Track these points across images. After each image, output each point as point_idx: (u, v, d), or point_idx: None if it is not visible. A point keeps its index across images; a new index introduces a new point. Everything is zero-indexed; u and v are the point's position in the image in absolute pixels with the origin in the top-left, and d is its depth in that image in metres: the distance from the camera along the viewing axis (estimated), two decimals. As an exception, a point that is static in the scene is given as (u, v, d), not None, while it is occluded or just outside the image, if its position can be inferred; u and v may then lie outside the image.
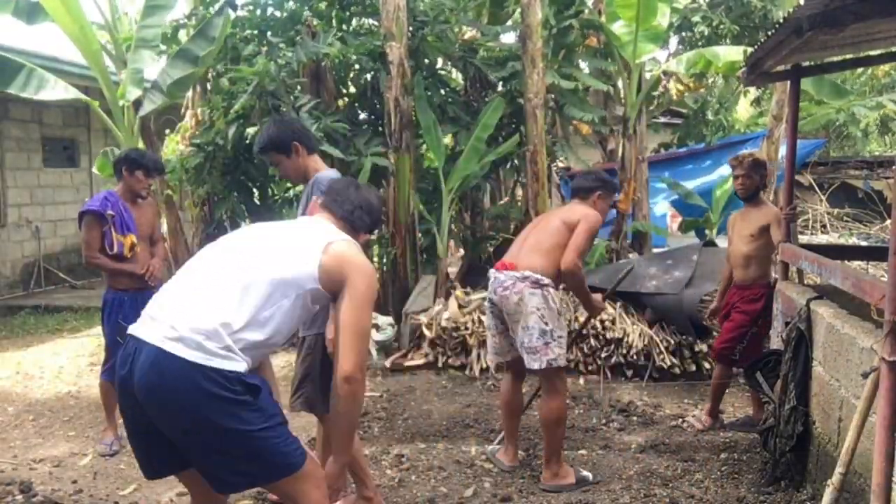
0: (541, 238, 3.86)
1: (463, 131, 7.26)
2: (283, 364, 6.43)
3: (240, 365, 2.21)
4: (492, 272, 3.91)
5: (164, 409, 2.18)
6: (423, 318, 6.26)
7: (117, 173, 4.48)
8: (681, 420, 4.84)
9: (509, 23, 8.67)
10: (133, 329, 2.29)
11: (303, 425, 4.80)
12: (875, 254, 5.92)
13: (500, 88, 7.78)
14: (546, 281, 3.75)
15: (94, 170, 7.60)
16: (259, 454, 2.21)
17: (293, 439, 2.31)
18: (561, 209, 4.02)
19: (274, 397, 2.39)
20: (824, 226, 11.38)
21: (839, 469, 2.66)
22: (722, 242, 6.55)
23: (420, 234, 7.11)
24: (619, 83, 8.37)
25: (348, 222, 2.66)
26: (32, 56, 7.92)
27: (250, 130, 6.63)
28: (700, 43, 10.22)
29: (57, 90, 7.01)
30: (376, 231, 3.37)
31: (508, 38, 8.41)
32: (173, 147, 7.64)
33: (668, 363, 5.69)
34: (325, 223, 2.62)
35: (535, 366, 3.71)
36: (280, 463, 2.25)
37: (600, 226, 3.99)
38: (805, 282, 5.49)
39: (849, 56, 4.46)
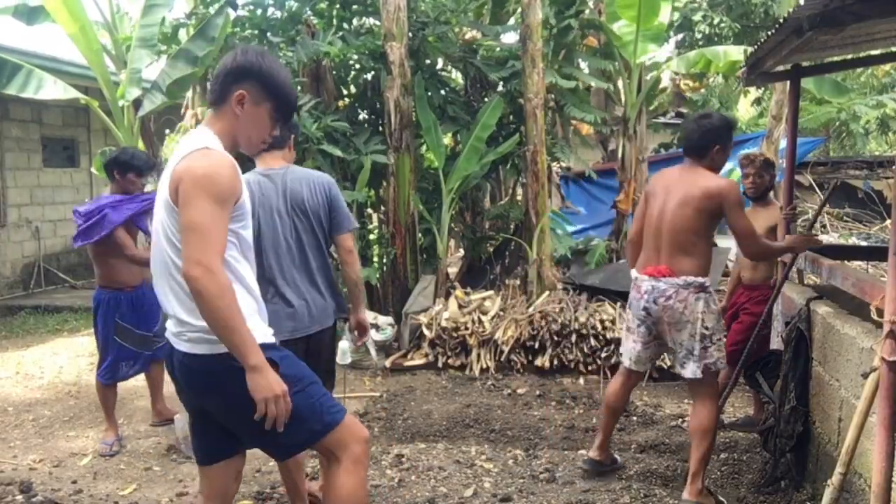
0: (679, 238, 3.46)
1: (463, 131, 7.26)
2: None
3: None
4: (644, 279, 3.55)
5: (201, 397, 2.30)
6: (423, 318, 6.26)
7: (109, 176, 4.46)
8: (681, 420, 4.84)
9: (511, 21, 8.67)
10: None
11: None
12: (875, 254, 5.91)
13: (500, 88, 7.78)
14: (707, 283, 3.51)
15: (93, 170, 7.59)
16: (292, 419, 2.18)
17: (327, 398, 2.31)
18: (680, 182, 3.50)
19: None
20: (824, 226, 11.37)
21: (839, 469, 2.66)
22: (721, 242, 6.55)
23: (420, 234, 7.11)
24: (619, 83, 8.37)
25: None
26: (31, 56, 7.92)
27: (250, 130, 6.62)
28: (700, 42, 10.23)
29: (56, 90, 7.01)
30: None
31: (509, 37, 8.41)
32: (173, 147, 7.64)
33: (669, 363, 5.68)
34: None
35: (689, 374, 3.49)
36: (315, 424, 2.25)
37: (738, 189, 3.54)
38: (805, 282, 5.49)
39: (849, 56, 4.46)
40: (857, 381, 2.90)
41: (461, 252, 9.09)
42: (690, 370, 3.48)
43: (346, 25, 7.56)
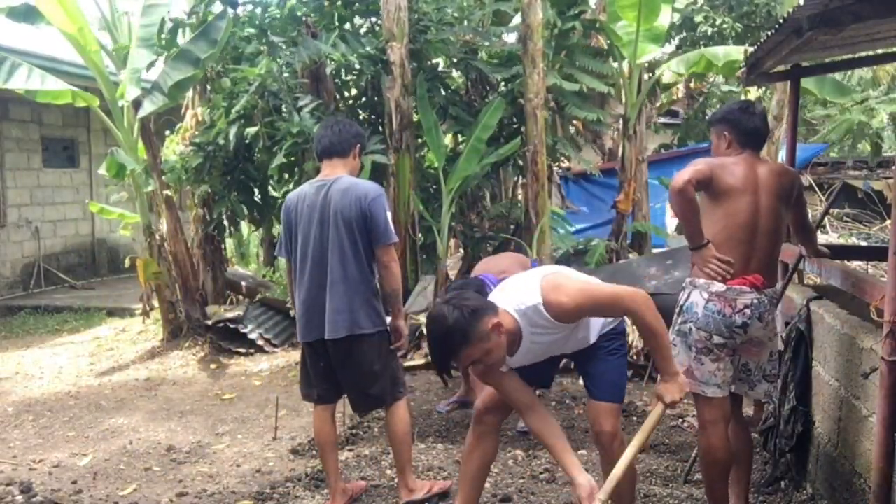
0: (774, 242, 3.09)
1: (464, 131, 7.26)
2: (283, 364, 6.44)
3: None
4: (745, 291, 2.97)
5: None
6: (423, 319, 6.26)
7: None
8: (681, 420, 4.84)
9: (515, 21, 8.65)
10: None
11: (303, 425, 4.80)
12: (875, 254, 5.91)
13: (501, 88, 7.78)
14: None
15: (101, 170, 7.57)
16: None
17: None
18: (765, 175, 3.04)
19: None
20: (824, 226, 11.38)
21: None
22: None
23: (420, 234, 7.11)
24: (620, 83, 8.37)
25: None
26: (31, 56, 7.92)
27: (251, 130, 6.63)
28: (702, 42, 10.22)
29: (58, 87, 7.00)
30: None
31: (511, 37, 8.39)
32: (173, 147, 7.63)
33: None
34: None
35: (761, 395, 3.30)
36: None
37: None
38: (805, 282, 5.49)
39: (849, 56, 4.46)
40: (857, 381, 2.90)
41: (461, 252, 9.08)
42: (763, 390, 3.22)
43: (346, 25, 7.56)
